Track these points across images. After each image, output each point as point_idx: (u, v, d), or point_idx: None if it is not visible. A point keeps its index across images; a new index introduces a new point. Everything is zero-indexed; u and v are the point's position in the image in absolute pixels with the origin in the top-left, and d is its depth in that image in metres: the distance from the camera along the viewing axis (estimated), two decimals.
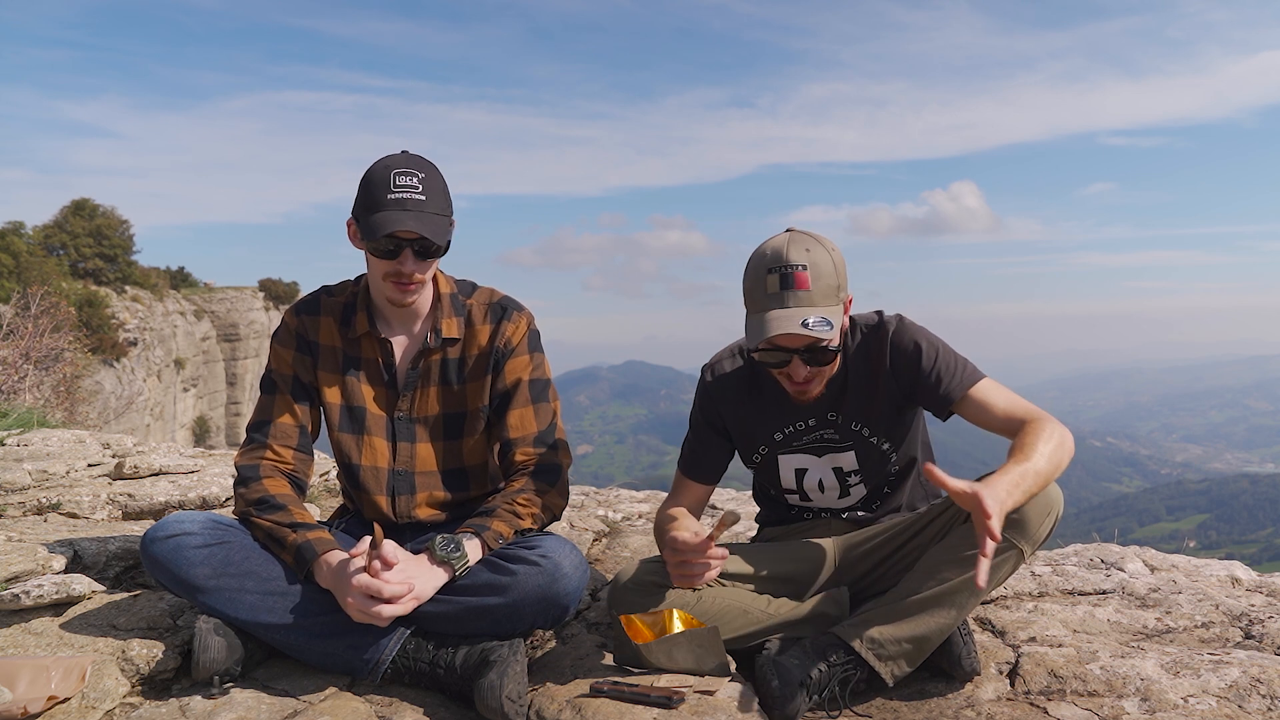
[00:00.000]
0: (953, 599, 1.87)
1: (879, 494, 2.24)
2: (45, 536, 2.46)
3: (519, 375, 2.15)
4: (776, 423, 2.18)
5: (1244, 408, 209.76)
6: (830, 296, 1.94)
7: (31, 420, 4.95)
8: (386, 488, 2.15)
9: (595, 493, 4.30)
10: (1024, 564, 1.95)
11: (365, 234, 1.97)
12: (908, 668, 1.90)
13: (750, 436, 2.22)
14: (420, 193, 1.97)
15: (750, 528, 3.31)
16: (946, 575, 1.88)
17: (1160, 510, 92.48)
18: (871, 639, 1.88)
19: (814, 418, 2.15)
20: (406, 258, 1.98)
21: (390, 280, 2.02)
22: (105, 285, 33.60)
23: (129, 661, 1.89)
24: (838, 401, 2.12)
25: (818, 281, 1.92)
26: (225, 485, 3.25)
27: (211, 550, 1.90)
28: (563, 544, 1.99)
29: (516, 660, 1.81)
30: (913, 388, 2.06)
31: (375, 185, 1.97)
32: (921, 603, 1.88)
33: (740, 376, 2.20)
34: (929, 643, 1.89)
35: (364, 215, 1.97)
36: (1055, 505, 1.87)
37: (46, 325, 9.35)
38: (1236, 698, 1.79)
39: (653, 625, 1.97)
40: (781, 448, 2.21)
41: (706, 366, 2.26)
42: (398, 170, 1.97)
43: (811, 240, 1.97)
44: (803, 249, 1.94)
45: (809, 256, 1.93)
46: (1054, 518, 1.88)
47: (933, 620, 1.88)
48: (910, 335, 2.06)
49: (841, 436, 2.15)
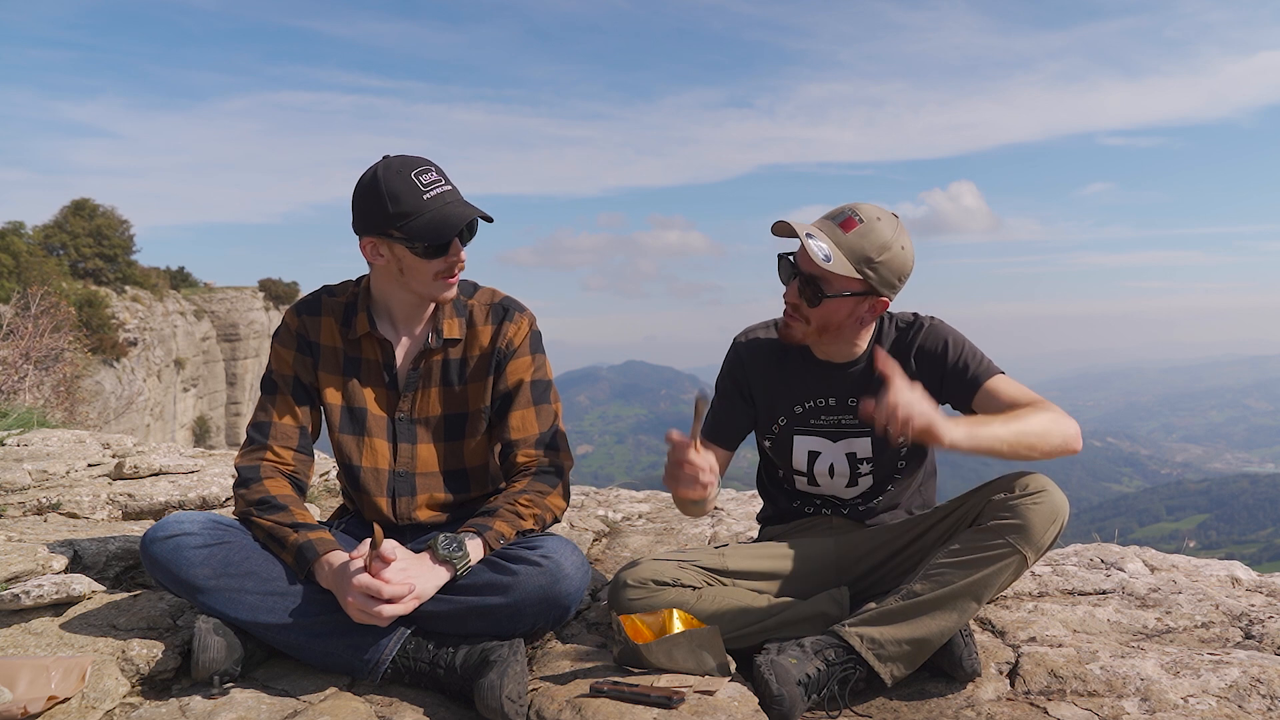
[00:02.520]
0: (955, 603, 1.88)
1: (883, 489, 2.25)
2: (45, 536, 2.46)
3: (521, 376, 2.15)
4: (800, 394, 2.21)
5: (1244, 408, 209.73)
6: (858, 256, 2.00)
7: (31, 420, 4.95)
8: (387, 489, 2.15)
9: (595, 493, 4.30)
10: (1027, 570, 1.95)
11: (418, 238, 1.95)
12: (907, 670, 1.90)
13: (772, 405, 2.24)
14: (446, 184, 1.99)
15: (751, 528, 3.30)
16: (950, 579, 1.88)
17: (1160, 510, 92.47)
18: (872, 639, 1.89)
19: (835, 397, 2.19)
20: (457, 248, 2.01)
21: (442, 277, 2.03)
22: (105, 285, 33.59)
23: (129, 661, 1.89)
24: (863, 389, 2.15)
25: (859, 238, 2.01)
26: (225, 485, 3.25)
27: (211, 550, 1.90)
28: (564, 544, 1.99)
29: (517, 660, 1.81)
30: (940, 379, 2.11)
31: (402, 193, 1.95)
32: (923, 605, 1.88)
33: (772, 344, 2.25)
34: (929, 645, 1.89)
35: (405, 224, 1.95)
36: (1060, 512, 1.88)
37: (46, 325, 9.35)
38: (1236, 698, 1.79)
39: (653, 625, 1.97)
40: (799, 423, 2.23)
41: (739, 334, 2.32)
42: (415, 170, 1.97)
43: (892, 222, 2.05)
44: (876, 217, 2.03)
45: (877, 223, 2.03)
46: (1059, 525, 1.89)
47: (934, 623, 1.88)
48: (942, 332, 2.15)
49: (861, 422, 2.17)
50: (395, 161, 1.99)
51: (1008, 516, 1.88)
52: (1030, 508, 1.87)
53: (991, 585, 1.88)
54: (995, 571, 1.87)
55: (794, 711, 1.78)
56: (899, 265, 2.05)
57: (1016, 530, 1.86)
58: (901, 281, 2.10)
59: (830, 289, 2.04)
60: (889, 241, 2.02)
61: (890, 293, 2.09)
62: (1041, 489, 1.90)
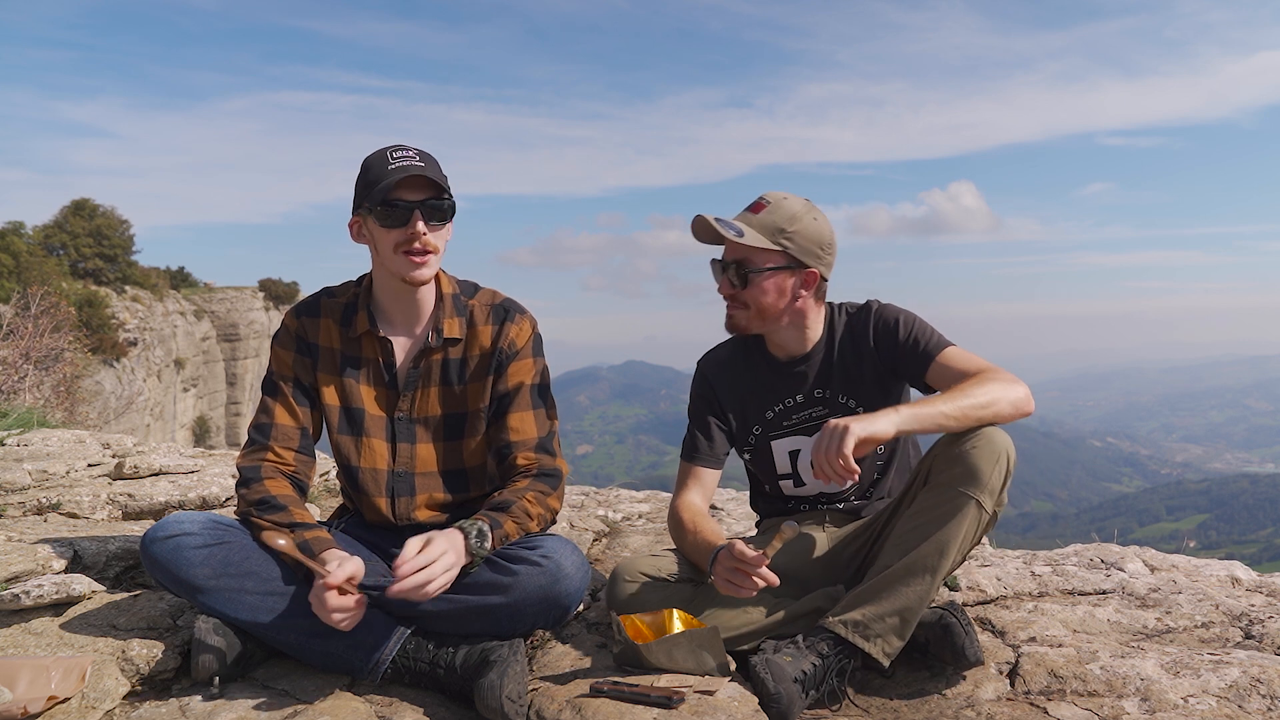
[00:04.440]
0: (924, 563, 1.89)
1: (868, 478, 2.28)
2: (45, 536, 2.46)
3: (522, 379, 2.15)
4: (767, 400, 2.27)
5: (1244, 408, 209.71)
6: (770, 229, 2.12)
7: (31, 420, 4.95)
8: (386, 489, 2.15)
9: (595, 493, 4.30)
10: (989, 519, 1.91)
11: (374, 203, 1.97)
12: (898, 642, 1.90)
13: (744, 416, 2.30)
14: (418, 160, 1.99)
15: (751, 529, 3.31)
16: (912, 542, 1.90)
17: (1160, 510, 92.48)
18: (855, 622, 1.90)
19: (801, 394, 2.25)
20: (416, 219, 1.98)
21: (402, 251, 2.00)
22: (105, 285, 33.59)
23: (129, 661, 1.89)
24: (826, 379, 2.22)
25: (769, 215, 2.13)
26: (225, 485, 3.25)
27: (211, 550, 1.90)
28: (564, 544, 2.00)
29: (517, 660, 1.81)
30: (894, 357, 2.16)
31: (373, 166, 2.00)
32: (895, 575, 1.90)
33: (732, 356, 2.33)
34: (912, 613, 1.90)
35: (366, 193, 1.99)
36: (1002, 449, 1.88)
37: (46, 325, 9.35)
38: (1236, 698, 1.79)
39: (653, 625, 1.97)
40: (773, 428, 2.27)
41: (701, 357, 2.39)
42: (392, 148, 2.01)
43: (803, 201, 2.17)
44: (784, 197, 2.15)
45: (784, 201, 2.15)
46: (1004, 463, 1.88)
47: (910, 591, 1.89)
48: (892, 312, 2.20)
49: (831, 411, 2.22)
50: (387, 146, 2.03)
51: (951, 466, 1.90)
52: (970, 451, 1.88)
53: (955, 538, 1.88)
54: (954, 524, 1.88)
55: (792, 708, 1.78)
56: (814, 233, 2.13)
57: (963, 479, 1.87)
58: (825, 251, 2.16)
59: (753, 266, 2.12)
60: (798, 214, 2.13)
61: (815, 263, 2.14)
62: (979, 433, 1.90)
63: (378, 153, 2.02)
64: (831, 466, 1.82)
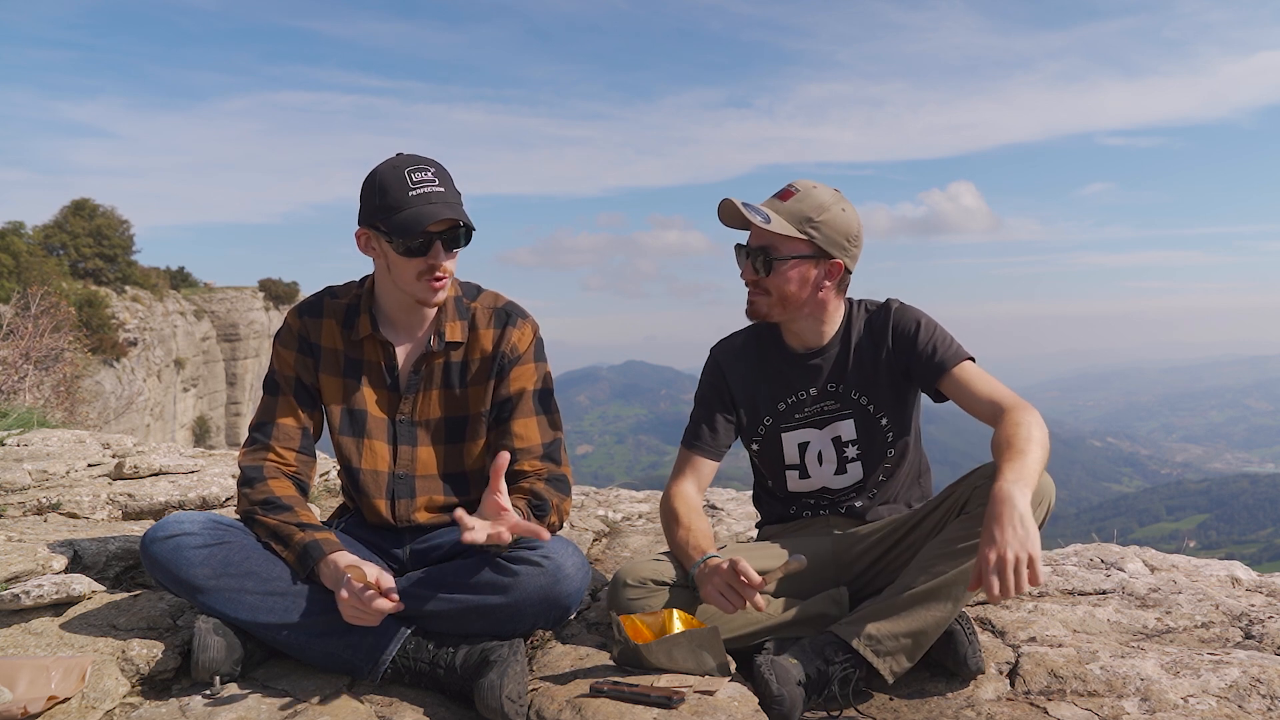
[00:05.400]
0: (948, 592, 1.88)
1: (874, 479, 2.25)
2: (45, 536, 2.46)
3: (524, 384, 2.13)
4: (780, 391, 2.25)
5: (1244, 408, 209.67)
6: (797, 217, 2.10)
7: (31, 420, 4.95)
8: (386, 491, 2.15)
9: (595, 493, 4.30)
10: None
11: (396, 234, 1.94)
12: (907, 663, 1.90)
13: (755, 407, 2.28)
14: (438, 185, 1.97)
15: (751, 529, 3.30)
16: (941, 569, 1.88)
17: (1160, 510, 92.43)
18: (869, 636, 1.89)
19: (815, 387, 2.23)
20: (438, 251, 1.97)
21: (424, 279, 1.99)
22: (105, 285, 33.58)
23: (129, 661, 1.89)
24: (840, 374, 2.21)
25: (797, 202, 2.12)
26: (225, 485, 3.25)
27: (211, 550, 1.91)
28: (565, 545, 2.00)
29: (517, 660, 1.81)
30: (910, 361, 2.15)
31: (391, 187, 1.95)
32: (917, 597, 1.89)
33: (746, 345, 2.31)
34: (926, 637, 1.89)
35: (387, 218, 1.95)
36: (1047, 494, 1.87)
37: (46, 325, 9.34)
38: (1236, 698, 1.79)
39: (653, 625, 1.97)
40: (784, 420, 2.26)
41: (715, 345, 2.37)
42: (410, 168, 1.96)
43: (831, 191, 2.14)
44: (813, 186, 2.14)
45: (814, 189, 2.13)
46: (1045, 506, 1.88)
47: (929, 614, 1.88)
48: (912, 314, 2.19)
49: (842, 405, 2.22)
50: (400, 158, 2.00)
51: None
52: None
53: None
54: None
55: (794, 711, 1.78)
56: (841, 224, 2.12)
57: None
58: (851, 243, 2.15)
59: (778, 253, 2.11)
60: (827, 203, 2.11)
61: (840, 254, 2.13)
62: None
63: (393, 170, 1.96)
64: (1019, 589, 1.68)
